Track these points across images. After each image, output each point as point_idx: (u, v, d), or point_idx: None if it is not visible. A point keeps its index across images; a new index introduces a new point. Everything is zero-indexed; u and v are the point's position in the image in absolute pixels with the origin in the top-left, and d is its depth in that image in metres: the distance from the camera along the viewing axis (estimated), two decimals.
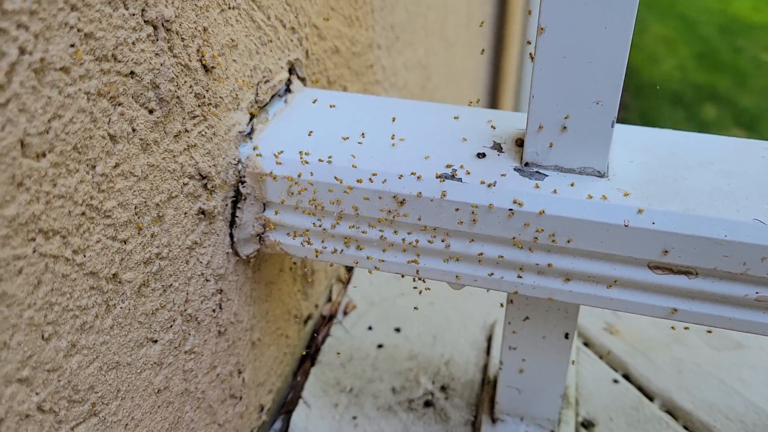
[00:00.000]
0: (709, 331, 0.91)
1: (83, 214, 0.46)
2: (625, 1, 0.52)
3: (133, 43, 0.48)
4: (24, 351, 0.42)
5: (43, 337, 0.44)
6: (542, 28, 0.55)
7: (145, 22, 0.48)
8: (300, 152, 0.63)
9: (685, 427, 0.79)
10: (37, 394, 0.44)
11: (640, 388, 0.84)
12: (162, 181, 0.54)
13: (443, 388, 0.85)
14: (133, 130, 0.49)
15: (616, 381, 0.85)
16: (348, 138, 0.65)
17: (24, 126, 0.40)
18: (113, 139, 0.47)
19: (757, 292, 0.57)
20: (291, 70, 0.73)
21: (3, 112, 0.38)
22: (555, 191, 0.58)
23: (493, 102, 2.77)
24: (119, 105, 0.47)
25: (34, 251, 0.42)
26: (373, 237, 0.63)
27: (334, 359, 0.89)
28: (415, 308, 0.95)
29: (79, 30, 0.42)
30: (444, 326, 0.94)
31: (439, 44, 1.53)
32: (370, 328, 0.94)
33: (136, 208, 0.51)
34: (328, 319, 0.96)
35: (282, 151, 0.64)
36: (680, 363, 0.86)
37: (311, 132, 0.66)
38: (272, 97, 0.70)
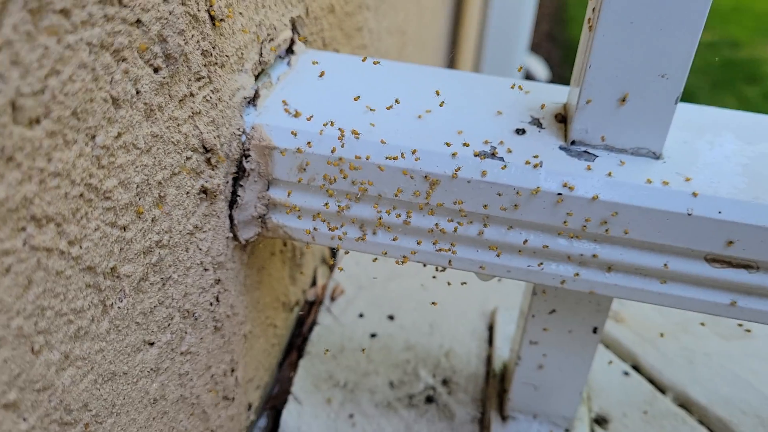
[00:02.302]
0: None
1: (81, 195, 0.36)
2: None
3: None
4: (11, 369, 0.33)
5: (32, 350, 0.35)
6: None
7: None
8: (313, 122, 0.55)
9: (701, 422, 0.76)
10: (25, 420, 0.35)
11: (652, 381, 0.80)
12: (165, 155, 0.45)
13: (445, 382, 0.79)
14: (137, 92, 0.40)
15: (626, 373, 0.81)
16: (370, 108, 0.57)
17: (17, 83, 0.30)
18: (116, 102, 0.38)
19: None
20: (293, 29, 0.64)
21: None
22: (610, 174, 0.52)
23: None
24: (123, 61, 0.38)
25: (25, 244, 0.33)
26: (397, 222, 0.56)
27: (323, 350, 0.82)
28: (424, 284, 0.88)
29: None
30: (440, 313, 0.87)
31: (414, 10, 1.44)
32: (361, 315, 0.87)
33: (137, 187, 0.42)
34: (314, 306, 0.88)
35: (292, 120, 0.55)
36: (690, 353, 0.83)
37: (323, 99, 0.58)
38: (275, 58, 0.61)
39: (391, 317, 0.87)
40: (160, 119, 0.43)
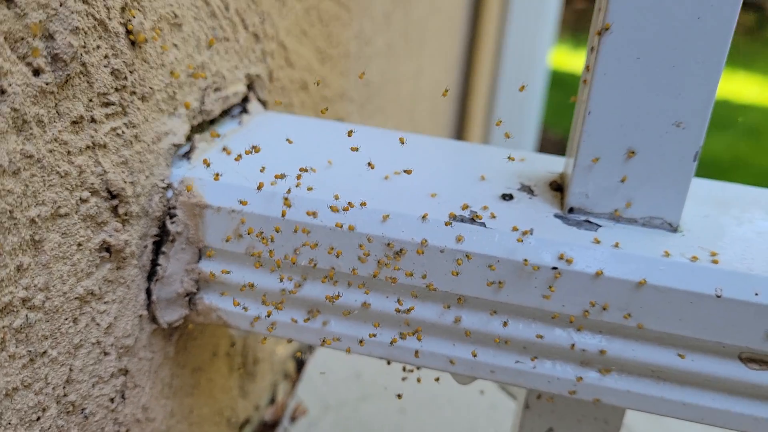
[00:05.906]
0: None
1: None
2: None
3: None
4: None
5: None
6: (608, 25, 0.39)
7: None
8: (252, 177, 0.46)
9: None
10: None
11: None
12: (44, 186, 0.35)
13: None
14: (2, 91, 0.31)
15: None
16: (328, 166, 0.48)
17: None
18: None
19: None
20: (250, 87, 0.57)
21: None
22: (617, 245, 0.42)
23: None
24: None
25: None
26: (353, 303, 0.45)
27: None
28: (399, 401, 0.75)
29: None
30: None
31: (408, 123, 1.40)
32: None
33: None
34: (270, 427, 0.75)
35: (230, 175, 0.46)
36: None
37: (275, 158, 0.49)
38: (223, 113, 0.53)
39: None
40: (38, 136, 0.33)
